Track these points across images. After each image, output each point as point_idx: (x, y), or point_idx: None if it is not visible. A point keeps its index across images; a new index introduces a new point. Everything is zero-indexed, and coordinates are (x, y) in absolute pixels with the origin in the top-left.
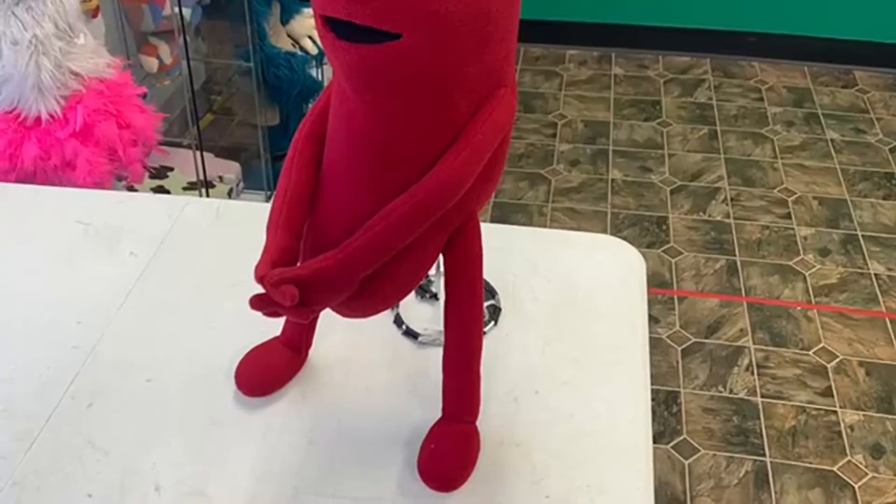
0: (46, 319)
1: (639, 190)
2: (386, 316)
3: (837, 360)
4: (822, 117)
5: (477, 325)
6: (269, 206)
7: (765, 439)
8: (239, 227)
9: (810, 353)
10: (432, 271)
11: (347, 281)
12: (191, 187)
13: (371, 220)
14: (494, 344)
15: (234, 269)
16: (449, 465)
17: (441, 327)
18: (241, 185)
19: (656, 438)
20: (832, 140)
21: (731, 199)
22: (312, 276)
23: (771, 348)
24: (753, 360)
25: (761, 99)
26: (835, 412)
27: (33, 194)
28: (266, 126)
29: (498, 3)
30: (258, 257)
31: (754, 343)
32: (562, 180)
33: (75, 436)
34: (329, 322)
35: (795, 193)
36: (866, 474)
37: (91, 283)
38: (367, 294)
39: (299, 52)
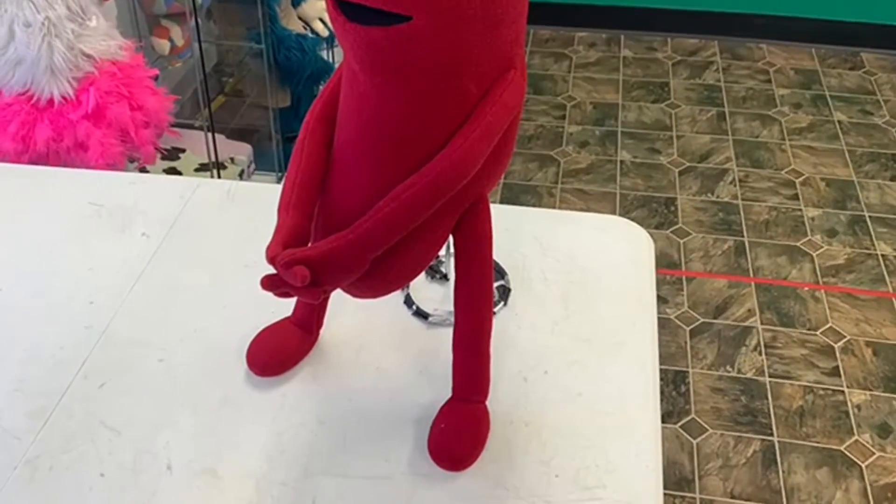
0: (59, 300)
1: (647, 171)
2: (396, 296)
3: (845, 340)
4: (829, 99)
5: (487, 306)
6: (280, 187)
7: (772, 419)
8: (250, 208)
9: (818, 333)
10: (442, 252)
11: (358, 261)
12: (202, 169)
13: (381, 201)
14: (504, 324)
15: (245, 250)
16: (459, 444)
17: (451, 307)
18: (253, 166)
19: (665, 418)
20: (839, 122)
21: (739, 181)
22: (323, 256)
23: (779, 328)
24: (761, 340)
25: (769, 81)
26: (842, 392)
27: (46, 175)
28: (277, 108)
29: None
30: (269, 238)
31: (762, 323)
32: (571, 162)
33: (88, 415)
34: (340, 302)
35: (803, 175)
36: (873, 454)
37: (103, 264)
38: (378, 274)
39: (310, 35)
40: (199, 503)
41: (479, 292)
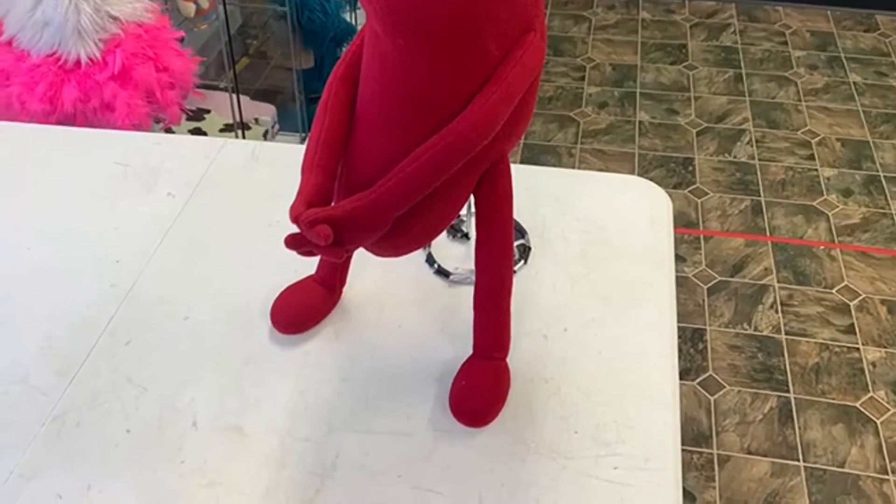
0: (86, 259)
1: (666, 132)
2: (418, 255)
3: (860, 298)
4: (844, 61)
5: (507, 264)
6: (303, 147)
7: (789, 376)
8: (274, 168)
9: (833, 291)
10: (464, 211)
11: (380, 220)
12: (227, 129)
13: (403, 161)
14: (524, 282)
15: (269, 210)
16: (479, 401)
17: (472, 266)
18: (277, 126)
19: (683, 375)
20: (854, 83)
21: (756, 141)
22: (346, 215)
23: (795, 287)
24: (778, 298)
25: (785, 43)
26: (857, 349)
27: (73, 136)
28: (301, 69)
29: None
30: (293, 198)
31: (778, 282)
32: (590, 122)
33: (114, 372)
34: (363, 261)
35: (819, 135)
36: (888, 410)
37: (130, 224)
38: (400, 233)
39: None
40: (223, 459)
41: (500, 251)
